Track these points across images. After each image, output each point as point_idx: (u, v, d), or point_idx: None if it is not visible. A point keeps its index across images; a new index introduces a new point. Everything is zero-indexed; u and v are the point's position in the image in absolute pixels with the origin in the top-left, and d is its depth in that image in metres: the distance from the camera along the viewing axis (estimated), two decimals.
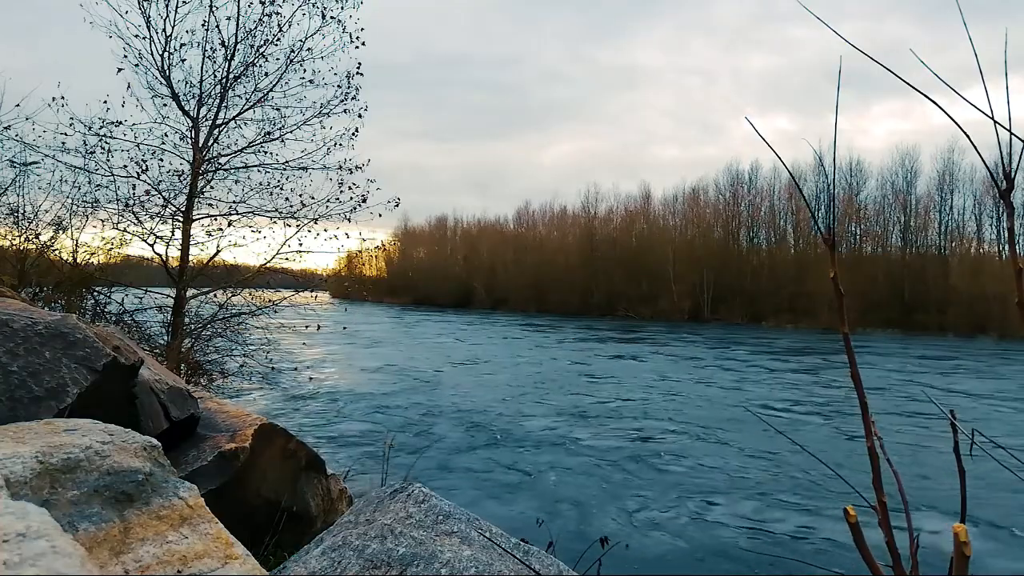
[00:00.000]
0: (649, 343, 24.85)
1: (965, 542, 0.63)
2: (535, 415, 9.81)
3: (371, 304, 54.66)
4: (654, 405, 10.95)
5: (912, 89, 0.68)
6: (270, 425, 3.03)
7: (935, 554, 0.79)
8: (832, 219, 0.91)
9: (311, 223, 7.44)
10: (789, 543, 5.04)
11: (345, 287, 15.73)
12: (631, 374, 15.16)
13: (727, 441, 8.35)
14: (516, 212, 66.17)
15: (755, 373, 16.03)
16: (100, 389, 2.01)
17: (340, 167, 7.41)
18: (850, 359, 0.76)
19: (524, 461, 7.24)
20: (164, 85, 6.89)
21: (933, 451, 7.95)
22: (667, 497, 6.07)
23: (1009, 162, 0.64)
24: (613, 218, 57.10)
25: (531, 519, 4.86)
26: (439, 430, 8.65)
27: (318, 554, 1.72)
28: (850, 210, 45.19)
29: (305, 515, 3.13)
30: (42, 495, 1.19)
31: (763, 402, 11.73)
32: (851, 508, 0.72)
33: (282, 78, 7.25)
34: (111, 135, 6.73)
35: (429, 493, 1.98)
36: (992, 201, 41.58)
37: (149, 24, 6.65)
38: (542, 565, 1.81)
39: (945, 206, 44.61)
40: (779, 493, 6.25)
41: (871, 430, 0.75)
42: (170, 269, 7.06)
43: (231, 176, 7.41)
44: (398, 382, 12.93)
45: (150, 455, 1.44)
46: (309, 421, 8.94)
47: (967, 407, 11.53)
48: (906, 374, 16.69)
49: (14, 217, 7.08)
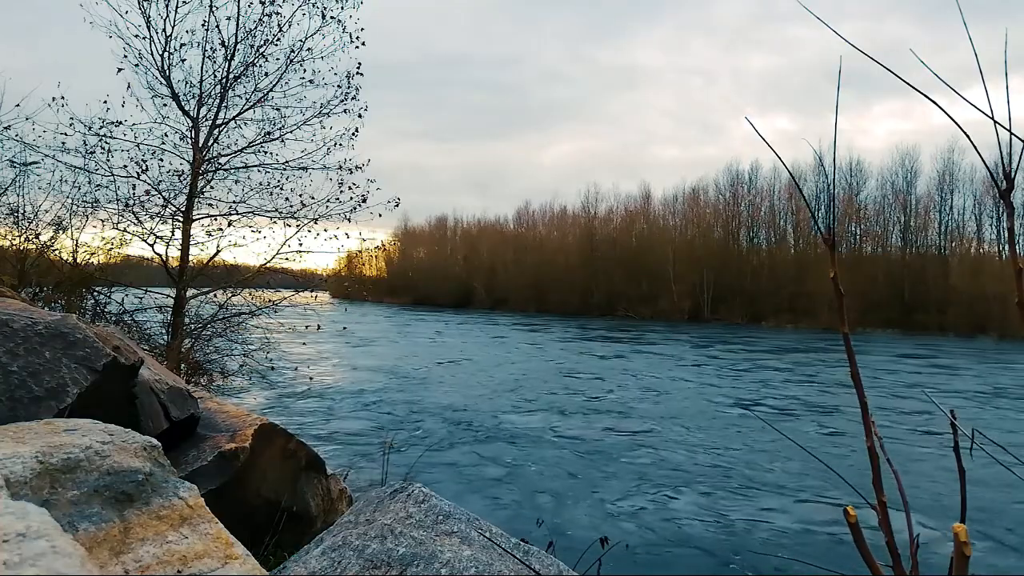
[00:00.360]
0: (649, 343, 24.85)
1: (965, 542, 0.63)
2: (535, 415, 9.81)
3: (371, 304, 54.67)
4: (654, 405, 10.95)
5: (912, 89, 0.68)
6: (270, 425, 3.03)
7: (935, 554, 0.79)
8: (832, 219, 0.91)
9: (311, 223, 7.44)
10: (789, 543, 5.04)
11: (345, 287, 15.74)
12: (631, 374, 15.16)
13: (727, 441, 8.35)
14: (516, 212, 66.28)
15: (755, 373, 16.03)
16: (100, 389, 2.01)
17: (340, 167, 7.41)
18: (850, 359, 0.76)
19: (524, 461, 7.24)
20: (164, 85, 6.89)
21: (933, 451, 7.95)
22: (667, 497, 6.07)
23: (1009, 162, 0.64)
24: (613, 218, 57.15)
25: (531, 519, 4.86)
26: (439, 430, 8.65)
27: (318, 554, 1.72)
28: (850, 210, 45.19)
29: (305, 515, 3.13)
30: (42, 495, 1.19)
31: (764, 402, 11.73)
32: (851, 508, 0.72)
33: (282, 78, 7.26)
34: (111, 135, 6.74)
35: (429, 493, 1.98)
36: (992, 201, 41.59)
37: (149, 24, 6.66)
38: (542, 565, 1.81)
39: (945, 206, 44.66)
40: (779, 493, 6.25)
41: (871, 430, 0.75)
42: (170, 269, 7.06)
43: (231, 176, 7.42)
44: (398, 382, 12.93)
45: (150, 455, 1.44)
46: (309, 421, 8.94)
47: (967, 407, 11.53)
48: (906, 374, 16.69)
49: (14, 217, 7.09)
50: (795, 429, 9.18)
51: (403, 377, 13.66)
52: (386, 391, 11.73)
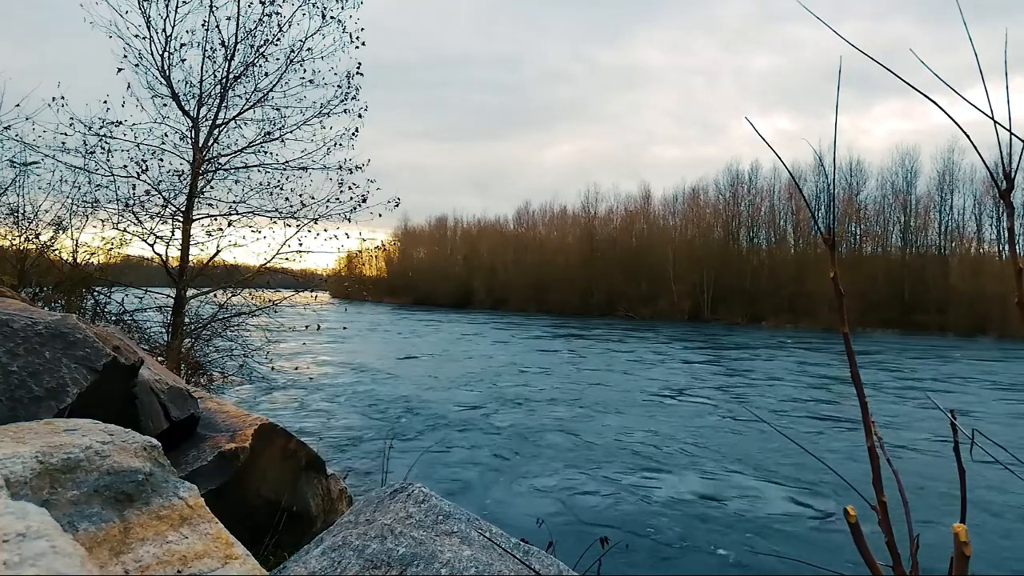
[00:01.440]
0: (649, 343, 24.85)
1: (965, 542, 0.63)
2: (535, 415, 9.81)
3: (371, 304, 54.67)
4: (655, 406, 10.95)
5: (913, 89, 0.68)
6: (270, 425, 3.02)
7: (935, 554, 0.79)
8: (832, 219, 0.91)
9: (311, 223, 7.45)
10: (790, 543, 5.04)
11: (345, 287, 15.74)
12: (632, 375, 15.16)
13: (728, 441, 8.35)
14: (516, 212, 66.33)
15: (755, 373, 16.03)
16: (100, 389, 2.01)
17: (340, 167, 7.42)
18: (850, 359, 0.76)
19: (524, 461, 7.23)
20: (164, 85, 6.90)
21: (933, 451, 7.95)
22: (668, 497, 6.07)
23: (1009, 162, 0.64)
24: (613, 218, 57.18)
25: (531, 519, 4.86)
26: (439, 430, 8.64)
27: (318, 554, 1.72)
28: (850, 210, 45.19)
29: (305, 515, 3.13)
30: (42, 495, 1.19)
31: (764, 403, 11.73)
32: (851, 508, 0.72)
33: (282, 78, 7.27)
34: (111, 135, 6.74)
35: (429, 493, 1.98)
36: (992, 201, 41.60)
37: (149, 24, 6.66)
38: (542, 565, 1.81)
39: (945, 206, 44.67)
40: (779, 493, 6.25)
41: (871, 430, 0.75)
42: (170, 269, 7.07)
43: (231, 176, 7.43)
44: (398, 382, 12.92)
45: (150, 455, 1.44)
46: (309, 421, 8.94)
47: (967, 407, 11.53)
48: (906, 374, 16.69)
49: (14, 217, 7.10)
50: (795, 429, 9.18)
51: (403, 377, 13.66)
52: (386, 391, 11.73)
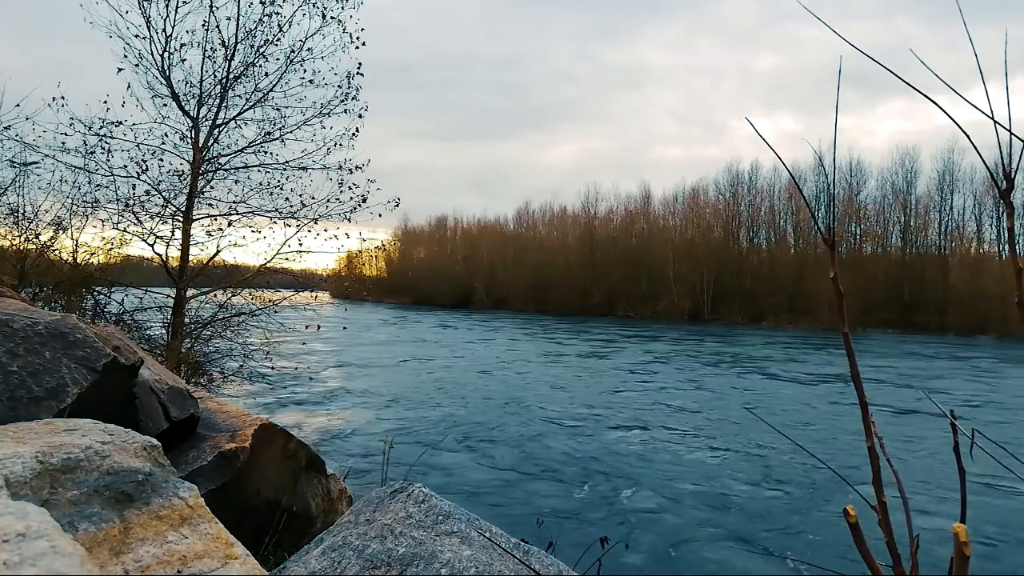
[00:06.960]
0: (649, 343, 24.85)
1: (965, 542, 0.63)
2: (534, 415, 9.80)
3: (371, 304, 54.68)
4: (655, 405, 10.95)
5: (914, 89, 0.68)
6: (270, 425, 3.03)
7: (935, 554, 0.79)
8: (832, 219, 0.91)
9: (311, 223, 7.44)
10: (790, 543, 5.04)
11: (345, 287, 15.69)
12: (632, 375, 15.16)
13: (727, 441, 8.35)
14: (516, 212, 66.35)
15: (755, 373, 16.02)
16: (100, 389, 2.01)
17: (340, 167, 7.41)
18: (850, 359, 0.76)
19: (525, 461, 7.23)
20: (164, 85, 6.89)
21: (933, 451, 7.94)
22: (668, 498, 6.07)
23: (1009, 162, 0.64)
24: (613, 218, 57.20)
25: (531, 518, 4.86)
26: (439, 430, 8.64)
27: (318, 554, 1.72)
28: (850, 210, 45.20)
29: (305, 515, 3.13)
30: (42, 495, 1.19)
31: (764, 403, 11.72)
32: (851, 508, 0.72)
33: (282, 78, 7.26)
34: (111, 135, 6.73)
35: (429, 493, 1.98)
36: (992, 201, 41.60)
37: (149, 24, 6.65)
38: (542, 565, 1.81)
39: (945, 206, 44.68)
40: (779, 492, 6.25)
41: (871, 430, 0.75)
42: (170, 269, 7.06)
43: (231, 176, 7.42)
44: (398, 382, 12.92)
45: (150, 455, 1.44)
46: (309, 421, 8.94)
47: (967, 407, 11.52)
48: (905, 374, 16.68)
49: (14, 217, 7.09)
50: (795, 429, 9.18)
51: (403, 377, 13.66)
52: (386, 391, 11.73)
